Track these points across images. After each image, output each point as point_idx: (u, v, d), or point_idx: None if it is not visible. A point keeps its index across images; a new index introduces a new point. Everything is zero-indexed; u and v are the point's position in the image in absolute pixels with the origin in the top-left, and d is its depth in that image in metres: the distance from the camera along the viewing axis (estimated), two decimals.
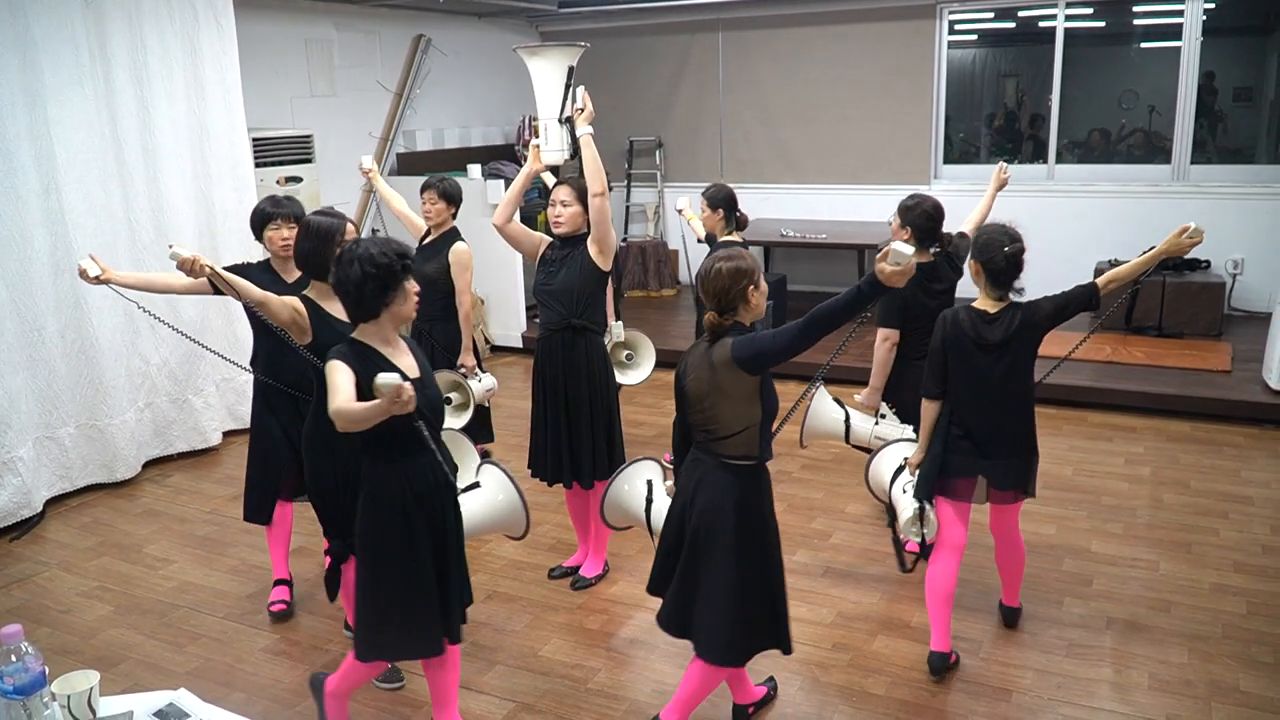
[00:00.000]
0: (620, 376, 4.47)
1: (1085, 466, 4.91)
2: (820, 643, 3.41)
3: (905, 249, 2.31)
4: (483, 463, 3.11)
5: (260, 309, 2.92)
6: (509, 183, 4.39)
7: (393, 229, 6.97)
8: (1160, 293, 6.62)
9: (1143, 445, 5.19)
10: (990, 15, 8.05)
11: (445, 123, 8.19)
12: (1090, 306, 3.07)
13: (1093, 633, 3.44)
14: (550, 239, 3.69)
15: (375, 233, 7.24)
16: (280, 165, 6.23)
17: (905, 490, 3.28)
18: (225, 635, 3.62)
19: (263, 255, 3.59)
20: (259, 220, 3.47)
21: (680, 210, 4.79)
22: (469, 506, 2.91)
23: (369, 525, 2.58)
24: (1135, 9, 7.94)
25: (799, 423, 3.78)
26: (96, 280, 3.15)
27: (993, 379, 3.06)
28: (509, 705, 3.13)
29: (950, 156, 8.18)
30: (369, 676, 2.90)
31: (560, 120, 3.64)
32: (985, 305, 3.08)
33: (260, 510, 3.69)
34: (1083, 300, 3.06)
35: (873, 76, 7.97)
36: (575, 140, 3.53)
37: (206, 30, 5.35)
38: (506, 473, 3.03)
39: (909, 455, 3.35)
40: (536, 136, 3.71)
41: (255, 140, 5.88)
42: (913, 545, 3.29)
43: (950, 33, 7.86)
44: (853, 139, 8.15)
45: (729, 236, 4.43)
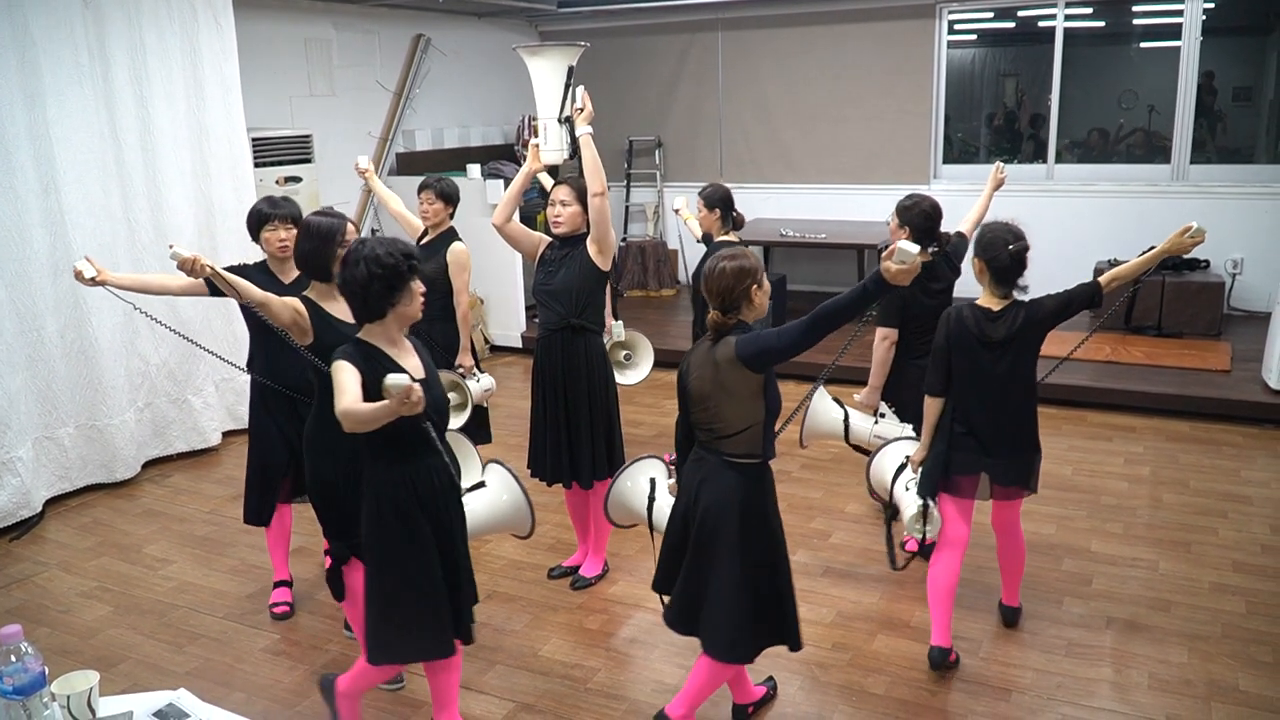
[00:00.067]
0: (619, 376, 4.46)
1: (1085, 466, 4.91)
2: (820, 642, 3.41)
3: (911, 247, 2.31)
4: (488, 462, 3.11)
5: (261, 310, 2.91)
6: (508, 183, 4.39)
7: (390, 229, 6.96)
8: (1160, 292, 6.62)
9: (1142, 445, 5.19)
10: (990, 15, 8.05)
11: (445, 122, 8.18)
12: (1093, 304, 3.09)
13: (1092, 632, 3.44)
14: (549, 239, 3.69)
15: (375, 232, 7.23)
16: (279, 165, 6.22)
17: (908, 488, 3.28)
18: (225, 635, 3.62)
19: (260, 256, 3.58)
20: (255, 221, 3.46)
21: (677, 210, 4.79)
22: (474, 506, 2.92)
23: (375, 529, 2.56)
24: (1135, 9, 7.94)
25: (799, 423, 3.79)
26: (92, 282, 3.13)
27: (996, 376, 3.07)
28: (509, 705, 3.13)
29: (950, 156, 8.18)
30: (381, 679, 2.90)
31: (560, 120, 3.64)
32: (989, 303, 3.09)
33: (260, 513, 3.68)
34: (1085, 298, 3.08)
35: (872, 76, 7.97)
36: (575, 140, 3.52)
37: (206, 30, 5.35)
38: (511, 472, 3.04)
39: (910, 453, 3.35)
40: (536, 136, 3.72)
41: (254, 140, 5.88)
42: (912, 544, 3.29)
43: (950, 32, 7.86)
44: (852, 139, 8.14)
45: (725, 236, 4.43)
